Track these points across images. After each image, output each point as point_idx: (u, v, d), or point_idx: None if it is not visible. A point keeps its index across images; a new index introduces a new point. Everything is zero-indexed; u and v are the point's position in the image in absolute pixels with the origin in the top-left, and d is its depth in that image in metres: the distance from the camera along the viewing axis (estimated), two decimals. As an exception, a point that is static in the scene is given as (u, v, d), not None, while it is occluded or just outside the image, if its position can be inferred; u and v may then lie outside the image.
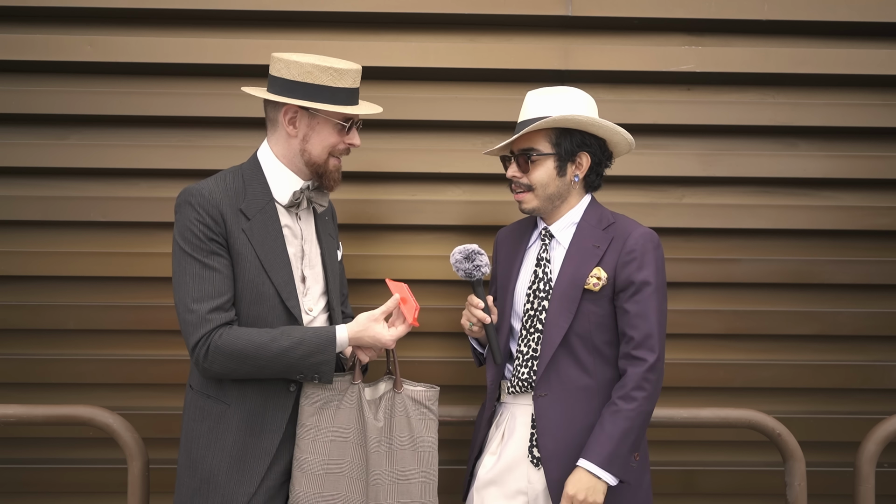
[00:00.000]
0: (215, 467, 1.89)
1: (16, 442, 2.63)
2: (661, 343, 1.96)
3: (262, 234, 1.92)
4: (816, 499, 2.63)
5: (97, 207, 2.59)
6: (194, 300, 1.83)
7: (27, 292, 2.61)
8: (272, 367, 1.84)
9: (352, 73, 1.94)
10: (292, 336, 1.85)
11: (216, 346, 1.81)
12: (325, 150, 1.96)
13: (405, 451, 1.95)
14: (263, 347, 1.82)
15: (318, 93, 1.90)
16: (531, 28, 2.63)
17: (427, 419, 1.98)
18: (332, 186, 2.02)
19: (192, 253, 1.85)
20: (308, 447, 1.88)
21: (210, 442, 1.90)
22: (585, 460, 1.91)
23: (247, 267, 1.90)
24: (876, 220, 2.66)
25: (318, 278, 2.05)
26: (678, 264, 2.65)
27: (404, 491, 1.93)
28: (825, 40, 2.65)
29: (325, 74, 1.90)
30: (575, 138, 2.02)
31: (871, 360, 2.69)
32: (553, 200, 2.06)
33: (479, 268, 2.02)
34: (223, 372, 1.85)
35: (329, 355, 1.86)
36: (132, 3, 2.55)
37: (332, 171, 1.99)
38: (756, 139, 2.68)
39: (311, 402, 1.90)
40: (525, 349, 2.05)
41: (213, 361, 1.82)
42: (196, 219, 1.85)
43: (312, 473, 1.87)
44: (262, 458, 1.90)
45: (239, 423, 1.90)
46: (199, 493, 1.90)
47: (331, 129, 1.95)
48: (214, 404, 1.92)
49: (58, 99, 2.57)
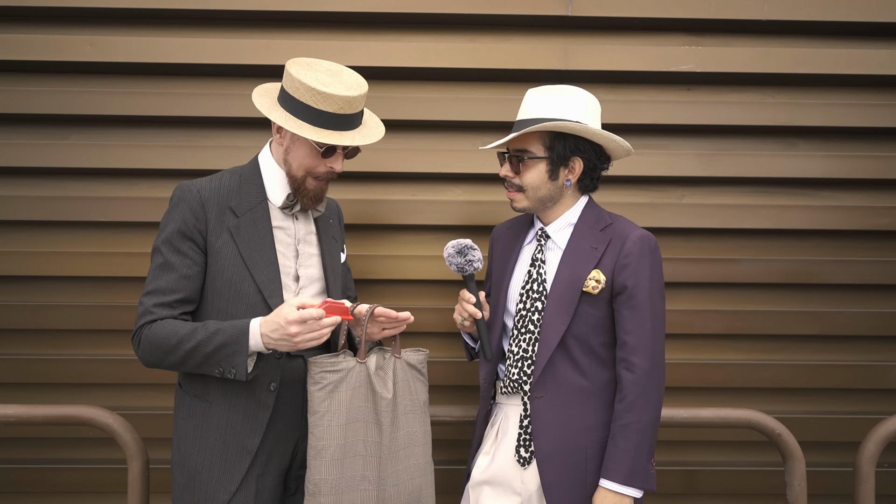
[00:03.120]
0: (199, 465, 1.91)
1: (16, 442, 2.63)
2: (657, 348, 1.96)
3: (249, 232, 1.93)
4: (816, 499, 2.64)
5: (97, 207, 2.59)
6: (147, 293, 1.89)
7: (27, 292, 2.61)
8: (192, 359, 1.83)
9: (339, 99, 1.85)
10: (209, 328, 1.83)
11: (145, 336, 1.86)
12: (301, 168, 1.93)
13: (409, 415, 1.96)
14: (183, 340, 1.82)
15: (300, 110, 1.87)
16: (531, 28, 2.63)
17: (420, 381, 2.01)
18: (306, 205, 1.98)
19: (160, 247, 1.91)
20: (324, 434, 1.85)
21: (195, 440, 1.93)
22: (608, 480, 1.92)
23: (226, 265, 1.90)
24: (876, 220, 2.67)
25: (315, 279, 2.04)
26: (678, 264, 2.65)
27: (411, 454, 1.96)
28: (825, 40, 2.65)
29: (308, 94, 1.85)
30: (569, 143, 2.01)
31: (871, 360, 2.69)
32: (544, 202, 2.05)
33: (472, 262, 2.02)
34: (153, 361, 1.88)
35: (240, 346, 1.79)
36: (132, 3, 2.55)
37: (309, 190, 1.95)
38: (756, 139, 2.68)
39: (320, 388, 1.86)
40: (516, 349, 2.05)
41: (143, 350, 1.88)
42: (177, 214, 1.90)
43: (332, 459, 1.85)
44: (243, 456, 1.91)
45: (220, 422, 1.92)
46: (186, 489, 1.93)
47: (308, 149, 1.91)
48: (199, 403, 1.94)
49: (58, 99, 2.57)
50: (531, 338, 2.02)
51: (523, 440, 2.01)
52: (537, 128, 1.97)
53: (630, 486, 1.91)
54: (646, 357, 1.94)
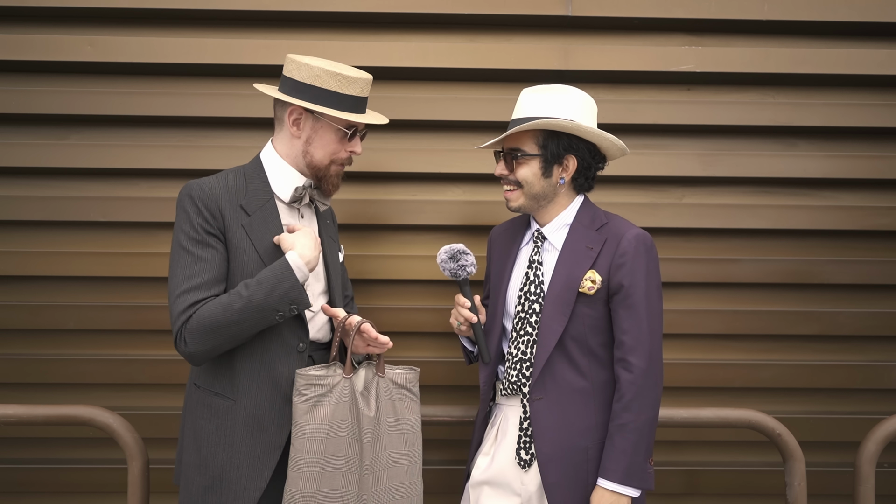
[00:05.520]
0: (226, 464, 1.89)
1: (16, 442, 2.63)
2: (654, 347, 1.96)
3: (261, 230, 1.93)
4: (816, 499, 2.64)
5: (97, 207, 2.59)
6: (182, 291, 1.84)
7: (27, 292, 2.61)
8: (247, 320, 1.81)
9: (360, 81, 1.95)
10: (249, 284, 1.83)
11: (192, 326, 1.81)
12: (327, 155, 1.98)
13: (392, 434, 1.96)
14: (229, 306, 1.81)
15: (324, 97, 1.92)
16: (531, 28, 2.63)
17: (409, 401, 1.99)
18: (329, 191, 2.04)
19: (187, 246, 1.87)
20: (304, 446, 1.87)
21: (219, 439, 1.91)
22: (605, 480, 1.92)
23: (245, 261, 1.91)
24: (876, 220, 2.67)
25: (319, 277, 2.06)
26: (678, 264, 2.65)
27: (394, 474, 1.95)
28: (825, 40, 2.65)
29: (333, 79, 1.91)
30: (562, 141, 2.01)
31: (871, 360, 2.69)
32: (538, 200, 2.05)
33: (465, 267, 2.02)
34: (205, 349, 1.83)
35: (292, 279, 1.83)
36: (132, 3, 2.55)
37: (332, 176, 2.01)
38: (756, 139, 2.68)
39: (304, 400, 1.89)
40: (515, 351, 2.05)
41: (193, 339, 1.81)
42: (194, 212, 1.88)
43: (309, 473, 1.86)
44: (271, 452, 1.91)
45: (246, 419, 1.90)
46: (211, 490, 1.90)
47: (333, 134, 1.96)
48: (221, 401, 1.92)
49: (58, 99, 2.57)
50: (529, 340, 2.02)
51: (523, 442, 2.01)
52: (530, 125, 1.97)
53: (627, 486, 1.91)
54: (643, 356, 1.94)
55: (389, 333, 2.60)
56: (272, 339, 1.92)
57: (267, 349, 1.92)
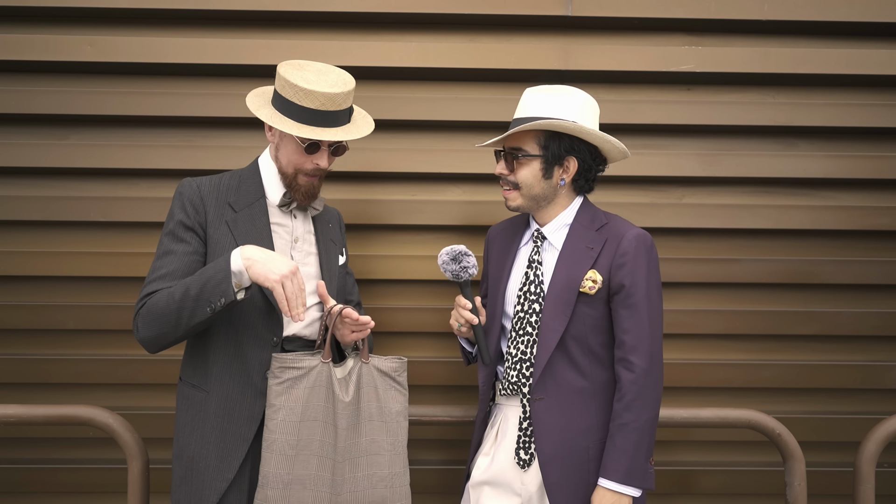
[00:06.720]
0: (197, 454, 1.93)
1: (16, 442, 2.63)
2: (654, 347, 1.96)
3: (246, 226, 1.97)
4: (816, 499, 2.64)
5: (97, 207, 2.59)
6: (148, 281, 1.92)
7: (27, 292, 2.61)
8: (184, 309, 1.82)
9: (320, 95, 1.89)
10: (193, 277, 1.86)
11: (141, 314, 1.88)
12: (290, 164, 1.98)
13: (373, 422, 1.95)
14: (171, 295, 1.84)
15: (287, 108, 1.92)
16: (531, 28, 2.63)
17: (394, 390, 1.98)
18: (300, 200, 2.01)
19: (163, 239, 1.97)
20: (277, 427, 1.87)
21: (193, 430, 1.94)
22: (606, 479, 1.92)
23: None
24: (876, 220, 2.67)
25: (312, 276, 2.06)
26: (678, 264, 2.65)
27: (373, 462, 1.93)
28: (825, 40, 2.65)
29: (292, 91, 1.91)
30: (564, 142, 2.01)
31: (871, 360, 2.69)
32: (538, 201, 2.05)
33: (466, 269, 2.02)
34: (151, 335, 1.87)
35: (223, 272, 1.80)
36: (132, 3, 2.55)
37: (300, 185, 1.99)
38: (756, 139, 2.68)
39: (279, 382, 1.88)
40: (514, 351, 2.04)
41: (143, 325, 1.88)
42: (178, 208, 1.96)
43: (282, 454, 1.86)
44: (240, 444, 1.92)
45: (217, 410, 1.93)
46: (184, 479, 1.94)
47: (294, 146, 1.96)
48: (197, 392, 1.96)
49: (58, 99, 2.57)
50: (529, 340, 2.02)
51: (522, 442, 2.01)
52: (532, 126, 1.97)
53: (628, 486, 1.91)
54: (644, 356, 1.94)
55: (389, 333, 2.62)
56: (246, 332, 1.94)
57: (240, 342, 1.94)
